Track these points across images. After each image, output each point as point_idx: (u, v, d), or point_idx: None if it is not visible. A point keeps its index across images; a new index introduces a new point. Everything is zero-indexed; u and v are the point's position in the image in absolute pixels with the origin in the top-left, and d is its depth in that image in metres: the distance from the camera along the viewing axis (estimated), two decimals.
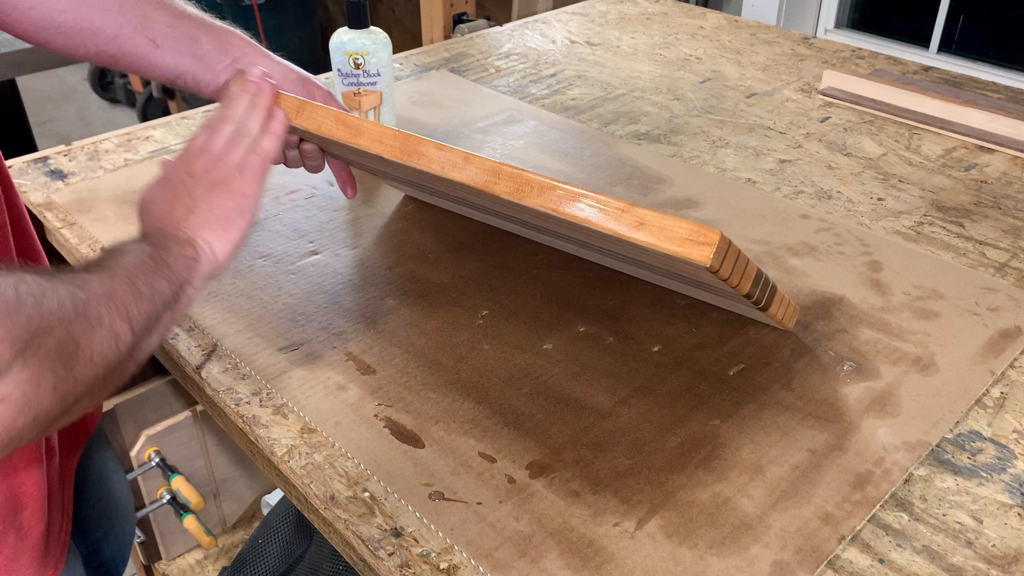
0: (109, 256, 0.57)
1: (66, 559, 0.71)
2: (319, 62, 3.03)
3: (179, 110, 3.11)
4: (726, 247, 0.56)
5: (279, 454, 0.66)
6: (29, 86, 3.47)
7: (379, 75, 1.04)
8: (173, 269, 0.59)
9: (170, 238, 0.61)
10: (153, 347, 0.57)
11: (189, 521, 1.17)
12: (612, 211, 0.57)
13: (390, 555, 0.58)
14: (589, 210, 0.58)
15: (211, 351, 0.77)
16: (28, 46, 1.72)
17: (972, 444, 0.68)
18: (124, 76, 3.65)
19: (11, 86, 2.26)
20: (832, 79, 1.31)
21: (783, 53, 1.48)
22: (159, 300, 0.56)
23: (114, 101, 3.81)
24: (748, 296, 0.64)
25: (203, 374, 0.74)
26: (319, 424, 0.68)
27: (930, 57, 2.78)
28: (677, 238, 0.55)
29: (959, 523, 0.62)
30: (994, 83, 1.36)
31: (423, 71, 1.38)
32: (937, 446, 0.68)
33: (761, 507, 0.62)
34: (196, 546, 1.28)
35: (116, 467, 0.94)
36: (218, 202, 0.64)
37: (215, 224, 0.63)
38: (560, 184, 0.59)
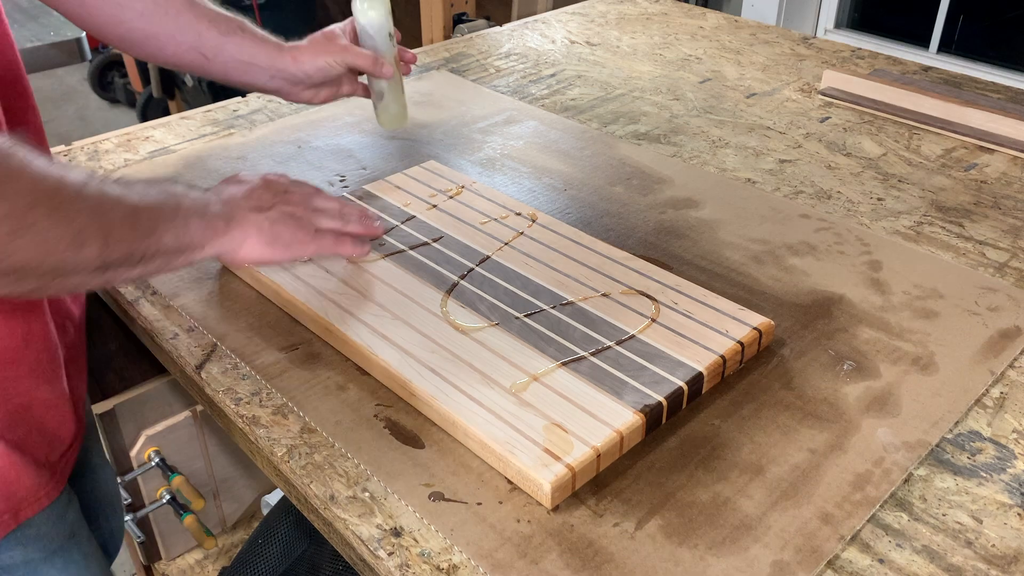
0: (151, 180, 0.61)
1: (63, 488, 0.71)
2: None
3: (179, 110, 3.11)
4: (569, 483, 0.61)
5: (279, 454, 0.66)
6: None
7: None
8: (190, 230, 0.63)
9: (216, 208, 0.66)
10: (130, 279, 0.60)
11: (189, 521, 1.17)
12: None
13: (390, 555, 0.58)
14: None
15: (211, 351, 0.77)
16: (27, 46, 1.72)
17: (972, 444, 0.68)
18: (124, 76, 3.65)
19: None
20: (832, 79, 1.31)
21: (783, 53, 1.48)
22: (154, 242, 0.60)
23: (114, 101, 3.81)
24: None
25: (203, 374, 0.74)
26: (319, 424, 0.68)
27: (930, 57, 2.79)
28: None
29: (959, 523, 0.62)
30: (994, 83, 1.36)
31: (423, 71, 1.38)
32: (937, 446, 0.68)
33: (761, 507, 0.62)
34: (196, 546, 1.28)
35: (103, 459, 0.95)
36: (281, 226, 0.70)
37: (262, 235, 0.68)
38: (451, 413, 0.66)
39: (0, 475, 0.65)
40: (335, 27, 0.96)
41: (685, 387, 0.68)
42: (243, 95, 1.27)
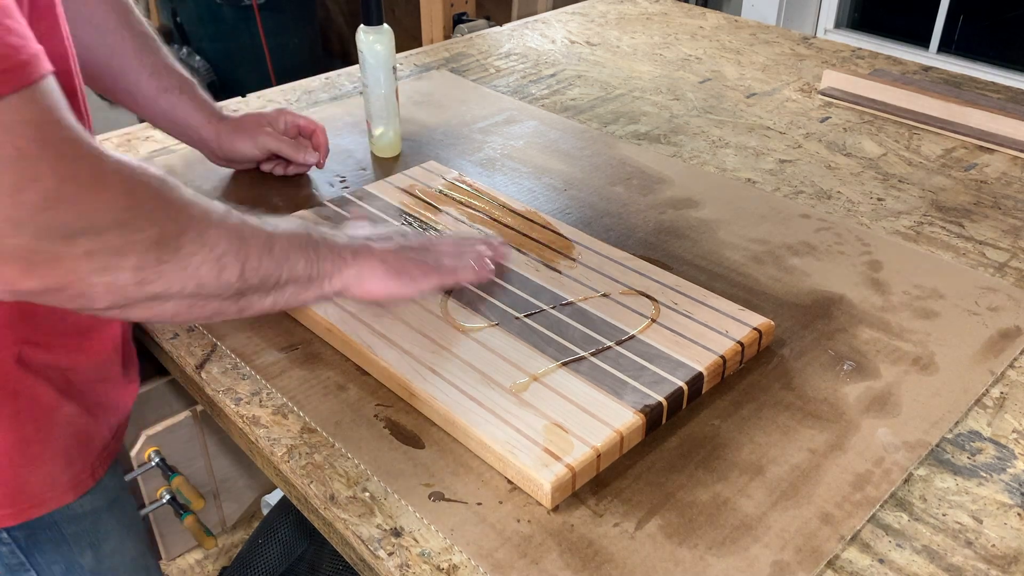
0: (284, 218, 0.64)
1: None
2: (319, 62, 3.02)
3: None
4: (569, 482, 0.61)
5: (279, 454, 0.66)
6: None
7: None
8: (320, 258, 0.64)
9: (343, 240, 0.67)
10: (264, 309, 0.61)
11: (189, 521, 1.17)
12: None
13: (390, 555, 0.58)
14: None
15: (211, 351, 0.77)
16: None
17: (972, 444, 0.68)
18: None
19: None
20: (832, 79, 1.31)
21: (783, 53, 1.48)
22: (287, 269, 0.61)
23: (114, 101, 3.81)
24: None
25: (203, 374, 0.74)
26: (319, 424, 0.68)
27: (930, 57, 2.79)
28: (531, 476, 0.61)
29: (959, 523, 0.62)
30: (994, 83, 1.36)
31: (423, 71, 1.38)
32: (937, 446, 0.68)
33: (761, 507, 0.62)
34: (196, 546, 1.28)
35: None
36: (404, 261, 0.70)
37: (387, 268, 0.68)
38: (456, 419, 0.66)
39: (83, 435, 0.70)
40: (270, 115, 0.99)
41: (685, 387, 0.68)
42: (243, 95, 1.27)
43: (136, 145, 1.12)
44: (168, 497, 1.17)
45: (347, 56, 3.62)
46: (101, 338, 0.71)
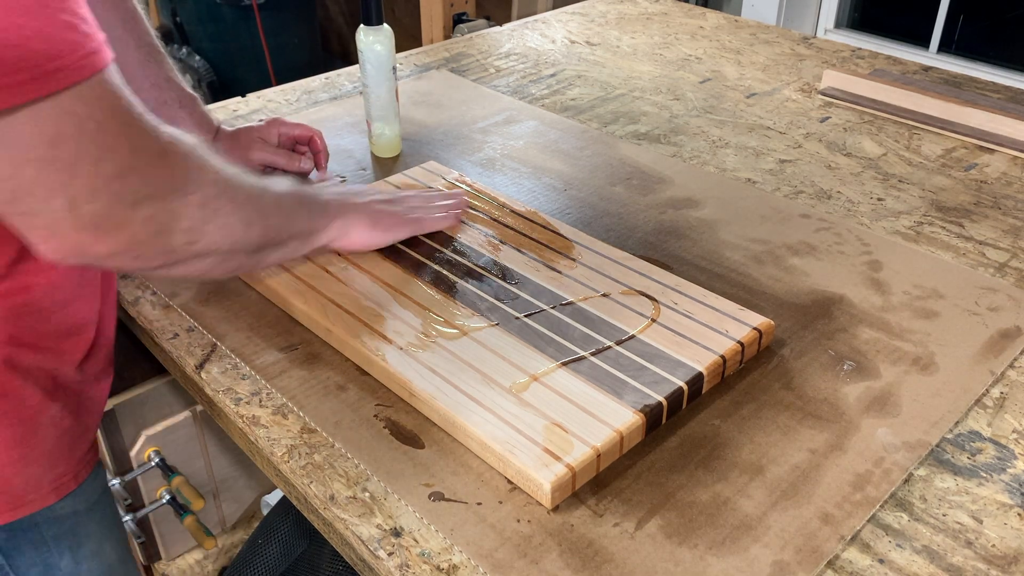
0: (276, 179, 0.70)
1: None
2: (319, 62, 3.02)
3: None
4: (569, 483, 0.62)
5: (279, 454, 0.66)
6: None
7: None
8: (313, 214, 0.73)
9: (327, 198, 0.77)
10: (272, 262, 0.71)
11: (189, 521, 1.17)
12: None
13: (390, 555, 0.58)
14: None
15: (211, 351, 0.77)
16: None
17: (972, 444, 0.68)
18: None
19: None
20: (832, 79, 1.31)
21: (783, 53, 1.48)
22: (293, 225, 0.70)
23: None
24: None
25: (203, 374, 0.74)
26: (319, 424, 0.68)
27: (930, 57, 2.78)
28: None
29: (959, 523, 0.62)
30: (994, 83, 1.36)
31: (423, 71, 1.38)
32: (937, 446, 0.68)
33: (761, 507, 0.62)
34: (196, 546, 1.28)
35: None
36: (380, 213, 0.82)
37: (366, 220, 0.80)
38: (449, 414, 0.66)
39: (67, 437, 0.71)
40: (262, 128, 0.99)
41: (685, 387, 0.68)
42: (243, 95, 1.27)
43: None
44: (168, 497, 1.17)
45: (347, 56, 3.62)
46: (86, 337, 0.71)
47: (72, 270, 0.66)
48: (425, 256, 0.84)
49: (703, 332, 0.74)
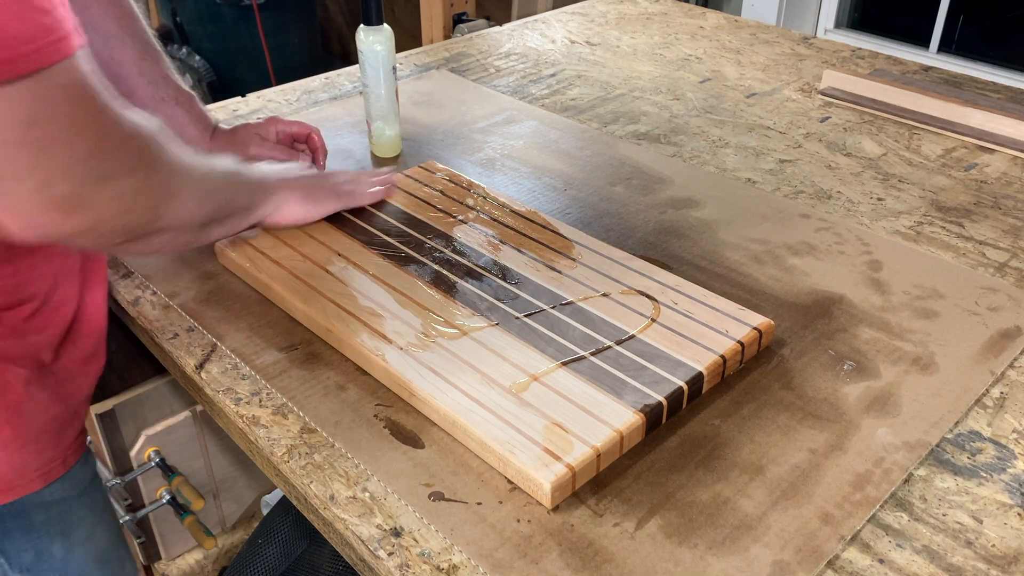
0: (217, 155, 0.74)
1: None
2: (319, 62, 3.02)
3: None
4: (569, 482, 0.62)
5: (279, 454, 0.66)
6: None
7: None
8: (253, 191, 0.78)
9: (262, 175, 0.81)
10: (216, 237, 0.74)
11: (189, 521, 1.17)
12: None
13: (390, 555, 0.58)
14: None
15: (211, 351, 0.77)
16: None
17: (972, 444, 0.68)
18: None
19: None
20: (832, 79, 1.31)
21: (783, 53, 1.48)
22: (236, 202, 0.74)
23: None
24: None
25: (203, 374, 0.74)
26: (319, 424, 0.68)
27: (930, 57, 2.78)
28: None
29: (959, 523, 0.62)
30: (994, 83, 1.36)
31: (423, 71, 1.38)
32: (937, 446, 0.68)
33: (761, 507, 0.62)
34: (196, 546, 1.28)
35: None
36: (313, 189, 0.86)
37: (300, 195, 0.84)
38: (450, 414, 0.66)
39: (57, 426, 0.72)
40: (260, 126, 1.00)
41: (685, 387, 0.68)
42: (243, 95, 1.27)
43: None
44: (168, 497, 1.17)
45: (347, 56, 3.62)
46: (60, 317, 0.71)
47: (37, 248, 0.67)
48: (425, 256, 0.84)
49: (703, 332, 0.74)
